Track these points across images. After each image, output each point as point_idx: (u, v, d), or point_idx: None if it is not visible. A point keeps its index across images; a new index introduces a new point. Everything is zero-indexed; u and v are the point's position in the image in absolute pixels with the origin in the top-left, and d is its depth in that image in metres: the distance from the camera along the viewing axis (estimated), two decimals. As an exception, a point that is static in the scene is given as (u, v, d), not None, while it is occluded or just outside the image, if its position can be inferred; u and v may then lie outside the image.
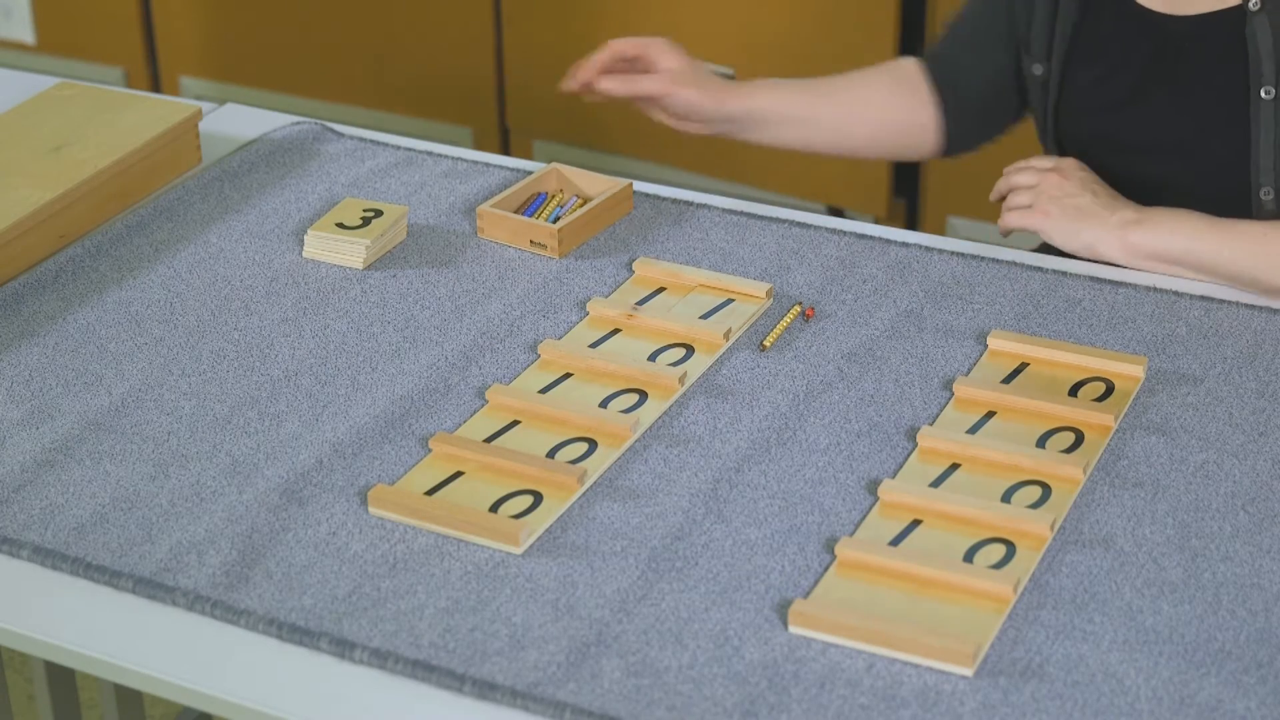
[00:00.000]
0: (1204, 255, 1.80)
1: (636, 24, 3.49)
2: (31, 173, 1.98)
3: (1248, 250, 1.78)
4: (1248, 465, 1.59)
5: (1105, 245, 1.84)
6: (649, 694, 1.36)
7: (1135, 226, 1.83)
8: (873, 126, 2.06)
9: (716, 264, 1.91)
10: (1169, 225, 1.82)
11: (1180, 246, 1.81)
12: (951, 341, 1.77)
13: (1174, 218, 1.83)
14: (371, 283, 1.89)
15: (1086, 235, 1.84)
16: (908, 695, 1.36)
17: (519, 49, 3.63)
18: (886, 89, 2.07)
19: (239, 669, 1.41)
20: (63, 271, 1.90)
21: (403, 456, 1.62)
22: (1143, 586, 1.45)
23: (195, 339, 1.80)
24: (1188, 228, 1.81)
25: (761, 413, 1.67)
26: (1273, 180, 1.83)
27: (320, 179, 2.09)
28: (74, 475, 1.60)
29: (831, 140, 2.06)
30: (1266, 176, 1.84)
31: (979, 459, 1.59)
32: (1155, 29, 1.89)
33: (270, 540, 1.52)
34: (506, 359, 1.76)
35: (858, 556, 1.48)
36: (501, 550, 1.51)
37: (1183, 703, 1.34)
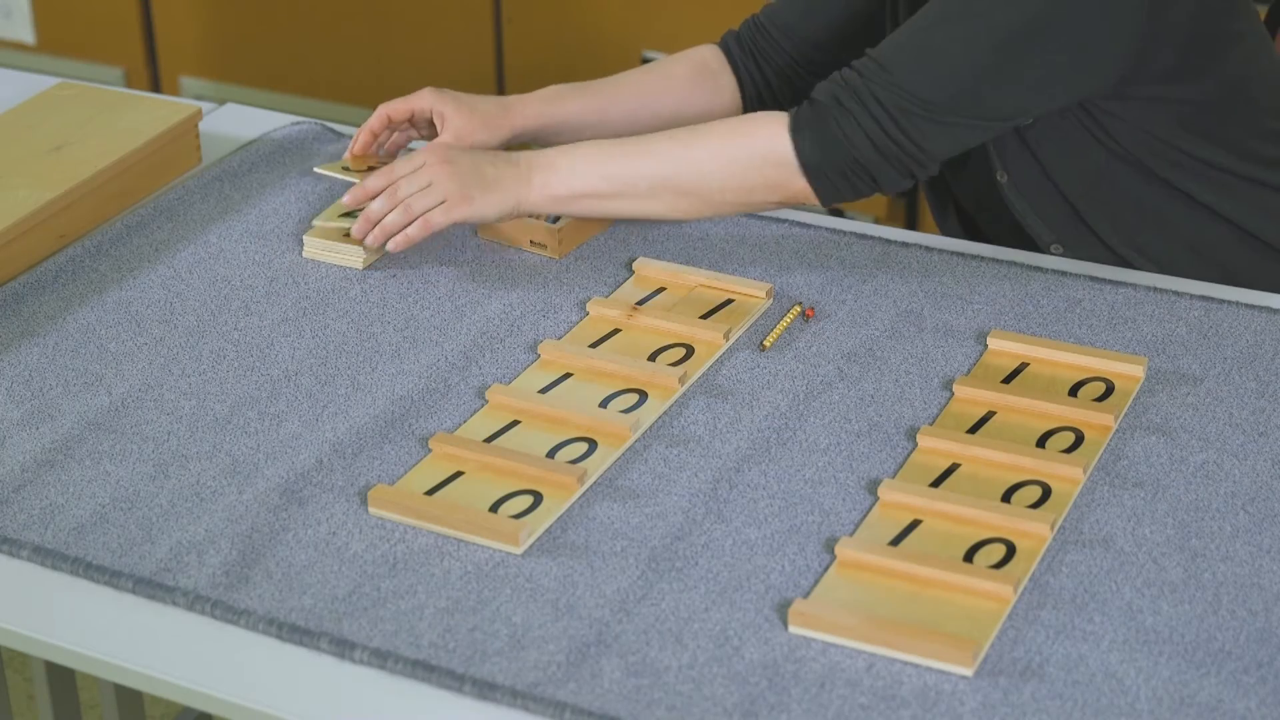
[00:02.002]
0: (620, 175, 1.83)
1: (636, 24, 3.49)
2: (31, 173, 1.98)
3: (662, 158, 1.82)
4: (1248, 465, 1.59)
5: (529, 200, 1.84)
6: (649, 694, 1.36)
7: (543, 172, 1.84)
8: (666, 121, 2.03)
9: (716, 264, 1.91)
10: (578, 154, 1.84)
11: (596, 174, 1.83)
12: (951, 341, 1.77)
13: (575, 151, 1.85)
14: (371, 283, 1.89)
15: (509, 199, 1.84)
16: (908, 695, 1.36)
17: (519, 49, 3.63)
18: (682, 79, 2.05)
19: (239, 669, 1.41)
20: (63, 271, 1.90)
21: (403, 456, 1.62)
22: (1143, 586, 1.45)
23: (195, 339, 1.79)
24: (592, 154, 1.84)
25: (761, 413, 1.67)
26: (1001, 163, 1.90)
27: (320, 179, 2.09)
28: (74, 475, 1.60)
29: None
30: (997, 160, 1.90)
31: (979, 459, 1.59)
32: None
33: (270, 540, 1.52)
34: (506, 359, 1.76)
35: (858, 556, 1.48)
36: (501, 550, 1.51)
37: (1183, 703, 1.34)
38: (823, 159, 1.78)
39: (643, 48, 3.51)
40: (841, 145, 1.78)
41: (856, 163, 1.79)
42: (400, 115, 2.01)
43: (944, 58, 1.77)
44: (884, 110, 1.77)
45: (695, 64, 2.07)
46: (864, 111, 1.77)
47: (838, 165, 1.79)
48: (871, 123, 1.77)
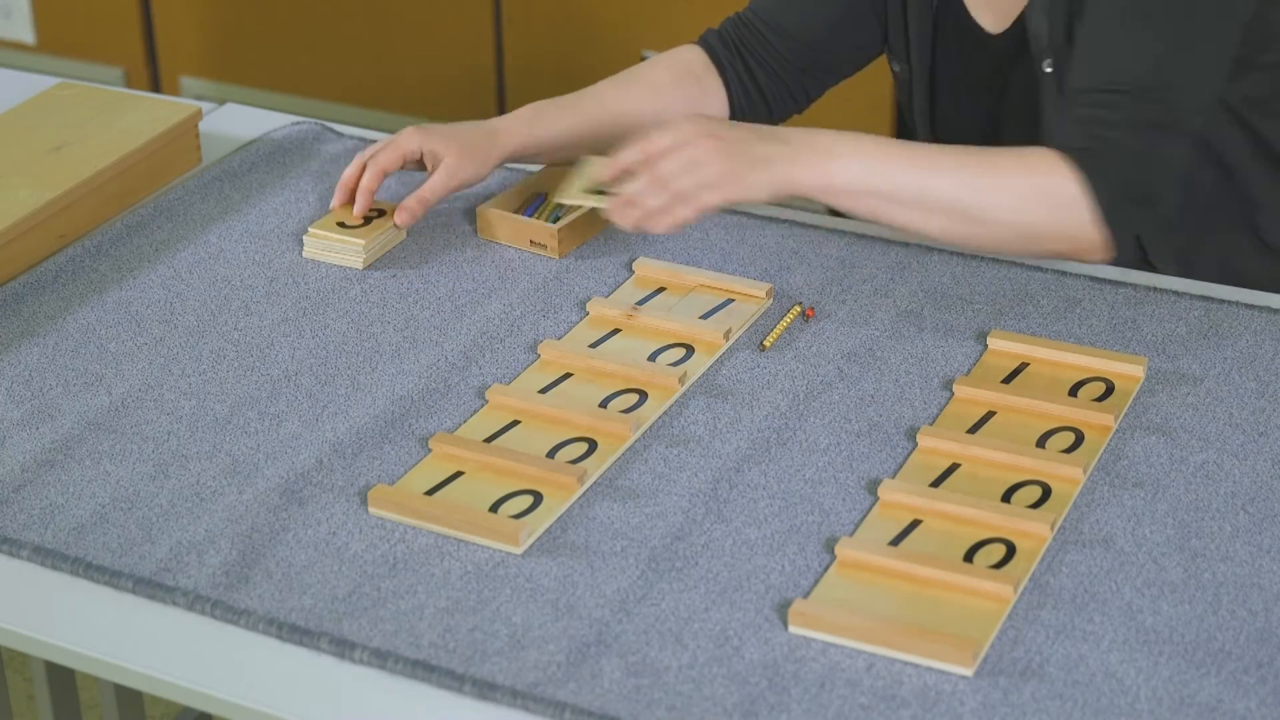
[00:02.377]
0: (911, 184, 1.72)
1: (636, 24, 3.49)
2: (31, 173, 1.98)
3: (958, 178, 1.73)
4: (1248, 465, 1.59)
5: (802, 181, 1.72)
6: (649, 694, 1.36)
7: (820, 156, 1.72)
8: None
9: (716, 264, 1.91)
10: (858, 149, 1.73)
11: (882, 176, 1.72)
12: (951, 341, 1.77)
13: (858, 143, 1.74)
14: (371, 283, 1.89)
15: (780, 178, 1.71)
16: (908, 695, 1.36)
17: (519, 49, 3.63)
18: (666, 86, 2.01)
19: (239, 669, 1.41)
20: (63, 271, 1.90)
21: (403, 456, 1.62)
22: (1143, 586, 1.45)
23: (195, 339, 1.79)
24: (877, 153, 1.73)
25: (761, 413, 1.67)
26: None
27: (320, 179, 2.09)
28: (74, 475, 1.60)
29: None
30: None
31: (979, 459, 1.59)
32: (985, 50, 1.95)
33: (270, 540, 1.52)
34: (506, 359, 1.76)
35: (858, 556, 1.48)
36: (501, 550, 1.51)
37: (1183, 703, 1.34)
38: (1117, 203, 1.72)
39: (643, 47, 3.51)
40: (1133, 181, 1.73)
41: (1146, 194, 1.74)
42: (393, 165, 1.93)
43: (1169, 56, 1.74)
44: (1148, 131, 1.73)
45: (679, 68, 2.04)
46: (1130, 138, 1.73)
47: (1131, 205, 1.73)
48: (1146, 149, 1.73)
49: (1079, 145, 1.73)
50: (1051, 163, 1.72)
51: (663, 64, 2.04)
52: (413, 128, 1.95)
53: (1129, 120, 1.73)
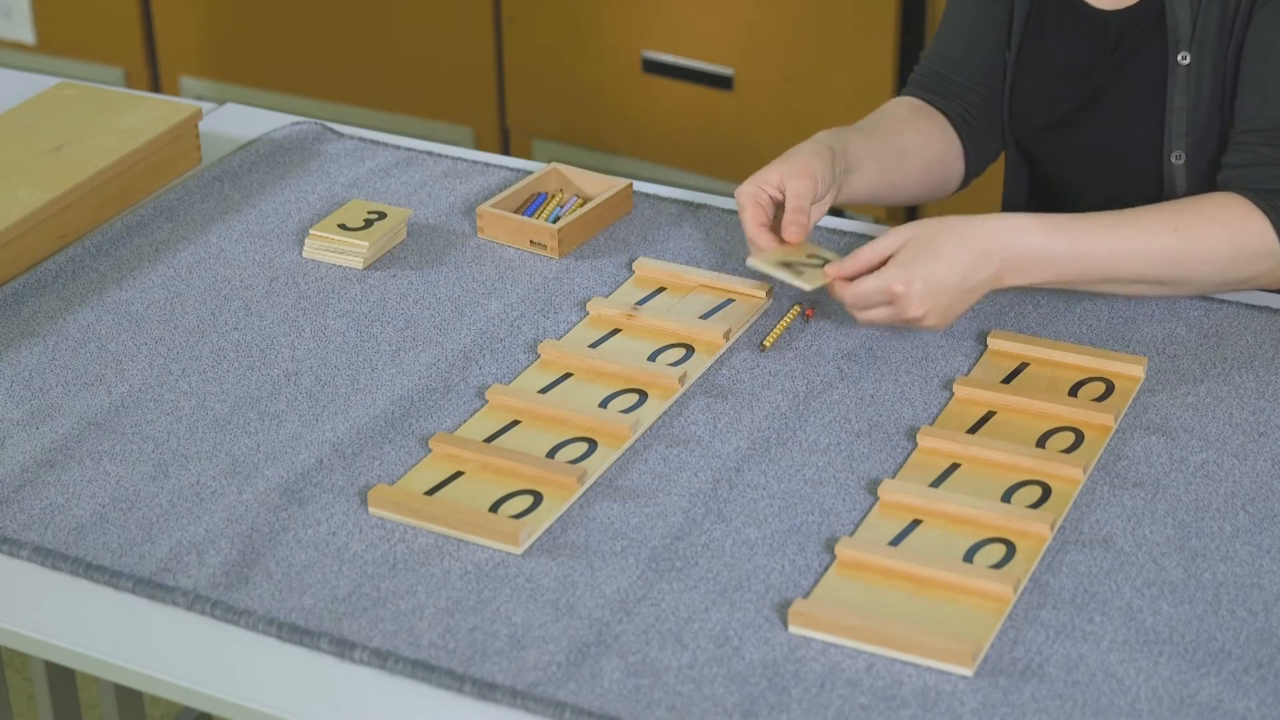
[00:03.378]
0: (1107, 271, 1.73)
1: (636, 24, 3.49)
2: (31, 173, 1.98)
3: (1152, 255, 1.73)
4: (1248, 465, 1.59)
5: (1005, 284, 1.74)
6: (649, 694, 1.36)
7: (1017, 274, 1.72)
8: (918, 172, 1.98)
9: (716, 264, 1.91)
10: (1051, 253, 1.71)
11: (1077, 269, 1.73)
12: (951, 341, 1.77)
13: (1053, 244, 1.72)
14: (371, 283, 1.89)
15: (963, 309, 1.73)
16: (908, 695, 1.36)
17: (519, 49, 3.63)
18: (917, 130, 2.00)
19: (239, 669, 1.41)
20: (63, 271, 1.90)
21: (403, 456, 1.62)
22: (1143, 586, 1.45)
23: (195, 339, 1.80)
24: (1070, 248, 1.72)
25: (761, 413, 1.67)
26: (1184, 145, 1.87)
27: (320, 179, 2.09)
28: (74, 475, 1.60)
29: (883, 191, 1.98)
30: (1178, 141, 1.87)
31: (979, 459, 1.59)
32: (1094, 23, 1.92)
33: (270, 540, 1.52)
34: (506, 359, 1.76)
35: (858, 556, 1.48)
36: (501, 550, 1.51)
37: (1183, 703, 1.34)
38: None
39: (642, 48, 3.51)
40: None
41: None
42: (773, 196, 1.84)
43: None
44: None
45: (909, 105, 2.02)
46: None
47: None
48: None
49: (1269, 186, 1.75)
50: (1244, 214, 1.74)
51: (898, 106, 2.02)
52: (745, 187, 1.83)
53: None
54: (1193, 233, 1.73)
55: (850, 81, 3.34)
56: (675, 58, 3.49)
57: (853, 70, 3.33)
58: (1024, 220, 1.72)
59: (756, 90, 3.43)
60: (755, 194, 1.80)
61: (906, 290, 1.68)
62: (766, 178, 1.81)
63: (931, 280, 1.68)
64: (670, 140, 3.56)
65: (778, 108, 3.42)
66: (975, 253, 1.69)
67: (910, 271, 1.68)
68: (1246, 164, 1.78)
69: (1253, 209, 1.75)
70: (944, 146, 2.01)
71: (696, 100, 3.49)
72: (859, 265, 1.71)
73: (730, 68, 3.44)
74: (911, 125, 1.99)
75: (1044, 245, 1.71)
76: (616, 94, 3.57)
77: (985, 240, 1.70)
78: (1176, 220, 1.73)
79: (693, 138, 3.53)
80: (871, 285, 1.69)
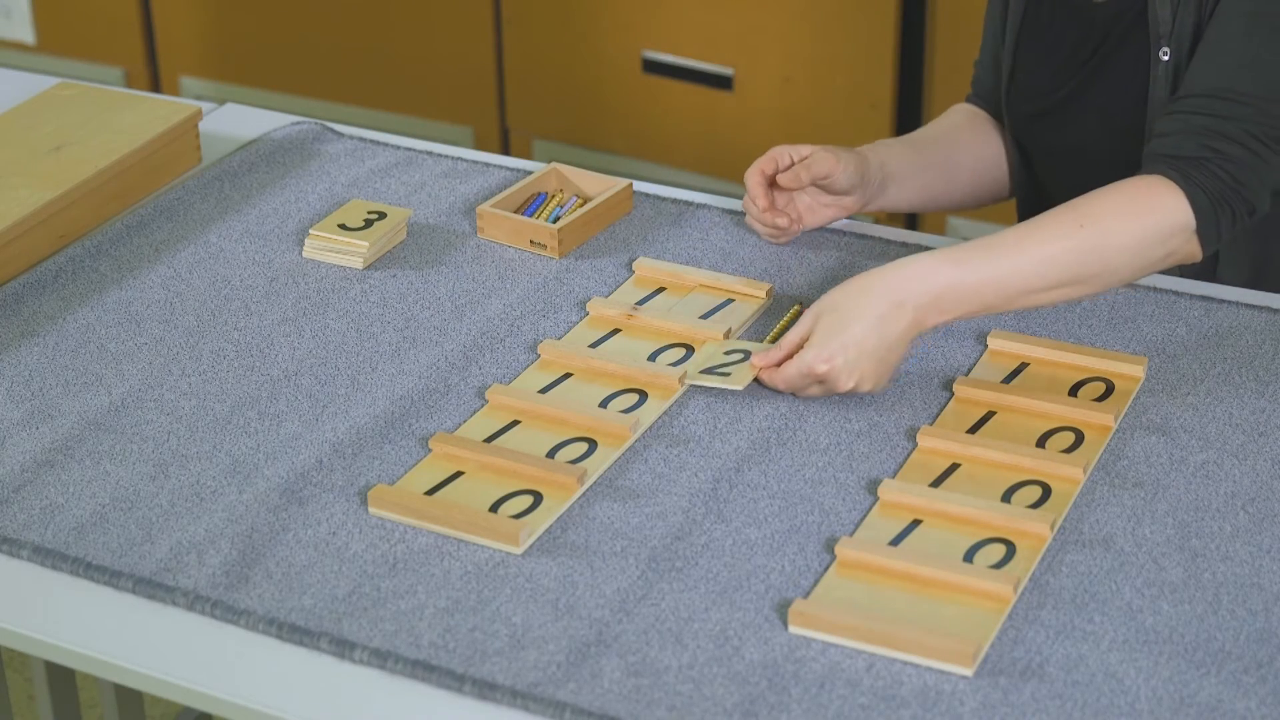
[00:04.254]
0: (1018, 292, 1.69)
1: (637, 24, 3.49)
2: (31, 173, 1.98)
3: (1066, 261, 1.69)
4: (1248, 465, 1.59)
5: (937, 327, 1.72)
6: (649, 694, 1.36)
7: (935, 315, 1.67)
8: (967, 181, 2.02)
9: (716, 264, 1.91)
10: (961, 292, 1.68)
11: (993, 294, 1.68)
12: (951, 341, 1.77)
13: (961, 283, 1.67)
14: (371, 283, 1.89)
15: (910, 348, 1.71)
16: (908, 695, 1.36)
17: (519, 49, 3.63)
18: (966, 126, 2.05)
19: (239, 669, 1.41)
20: (63, 271, 1.90)
21: (403, 456, 1.62)
22: (1143, 586, 1.45)
23: (195, 339, 1.80)
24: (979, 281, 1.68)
25: (761, 413, 1.67)
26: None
27: (320, 179, 2.09)
28: (74, 475, 1.60)
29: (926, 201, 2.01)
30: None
31: (979, 459, 1.59)
32: (1083, 15, 1.93)
33: (270, 540, 1.52)
34: (506, 359, 1.76)
35: (858, 556, 1.48)
36: (501, 550, 1.51)
37: (1183, 703, 1.34)
38: (1219, 213, 1.72)
39: (643, 48, 3.51)
40: (1237, 192, 1.72)
41: (1246, 202, 1.73)
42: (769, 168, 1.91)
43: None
44: (1261, 141, 1.72)
45: (966, 113, 2.07)
46: (1244, 149, 1.72)
47: (1229, 213, 1.73)
48: (1255, 158, 1.72)
49: (1190, 154, 1.73)
50: (1152, 193, 1.71)
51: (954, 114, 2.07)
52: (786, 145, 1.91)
53: (1245, 130, 1.72)
54: (1100, 225, 1.69)
55: (850, 81, 3.34)
56: (675, 58, 3.49)
57: (853, 70, 3.33)
58: (928, 261, 1.68)
59: (756, 90, 3.43)
60: (779, 152, 1.89)
61: (830, 368, 1.65)
62: (799, 147, 1.89)
63: (850, 350, 1.65)
64: (670, 140, 3.56)
65: (778, 108, 3.42)
66: (884, 308, 1.66)
67: (828, 348, 1.65)
68: (1174, 131, 1.75)
69: (1163, 185, 1.71)
70: (995, 153, 2.04)
71: (696, 100, 3.49)
72: (782, 353, 1.70)
73: (730, 68, 3.44)
74: (964, 134, 2.04)
75: (952, 280, 1.67)
76: (616, 94, 3.57)
77: (891, 293, 1.67)
78: (1082, 216, 1.70)
79: (693, 138, 3.53)
80: (795, 370, 1.67)
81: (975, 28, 2.73)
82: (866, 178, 1.92)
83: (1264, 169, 1.73)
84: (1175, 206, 1.70)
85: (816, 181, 1.89)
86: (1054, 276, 1.68)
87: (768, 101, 3.42)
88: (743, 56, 3.42)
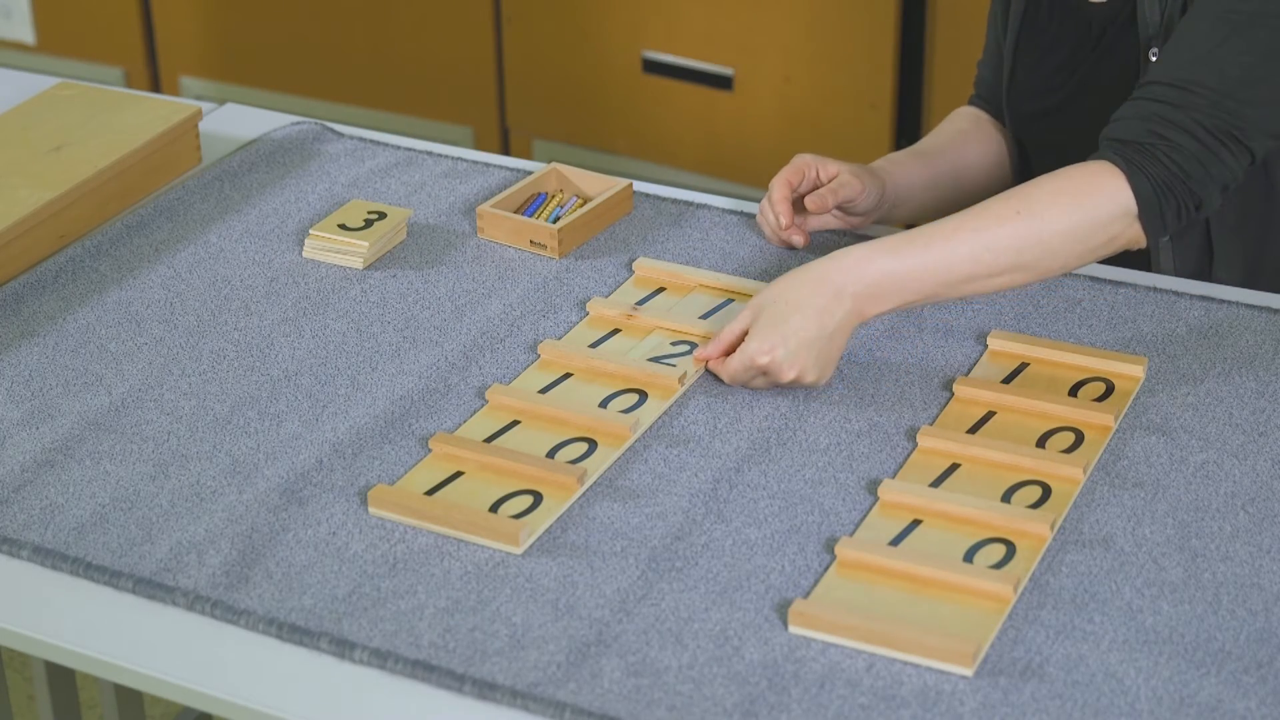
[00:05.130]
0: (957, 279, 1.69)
1: (636, 24, 3.49)
2: (31, 173, 1.98)
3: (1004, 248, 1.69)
4: (1248, 465, 1.59)
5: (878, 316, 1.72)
6: (649, 694, 1.36)
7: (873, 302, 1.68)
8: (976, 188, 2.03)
9: (716, 264, 1.91)
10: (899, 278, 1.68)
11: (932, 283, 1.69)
12: (951, 341, 1.77)
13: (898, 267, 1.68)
14: (371, 283, 1.89)
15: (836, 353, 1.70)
16: (908, 695, 1.36)
17: (519, 49, 3.63)
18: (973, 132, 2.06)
19: (239, 669, 1.41)
20: (63, 271, 1.90)
21: (403, 456, 1.62)
22: (1143, 586, 1.45)
23: (195, 339, 1.80)
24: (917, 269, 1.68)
25: (761, 413, 1.67)
26: None
27: (320, 179, 2.09)
28: (74, 475, 1.60)
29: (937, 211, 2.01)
30: None
31: (979, 459, 1.59)
32: (1079, 16, 1.94)
33: (270, 540, 1.52)
34: (506, 359, 1.76)
35: (858, 556, 1.48)
36: (501, 550, 1.51)
37: (1183, 703, 1.34)
38: (1163, 201, 1.71)
39: (642, 48, 3.51)
40: (1183, 182, 1.71)
41: (1192, 194, 1.72)
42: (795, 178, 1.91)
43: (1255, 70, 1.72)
44: (1211, 135, 1.71)
45: (972, 117, 2.08)
46: (1193, 140, 1.70)
47: (1174, 203, 1.71)
48: (1204, 150, 1.71)
49: (1137, 139, 1.71)
50: (1093, 179, 1.70)
51: (958, 119, 2.08)
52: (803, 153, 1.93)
53: (1196, 121, 1.71)
54: (1037, 211, 1.68)
55: (850, 81, 3.34)
56: (675, 58, 3.49)
57: (853, 70, 3.33)
58: (865, 249, 1.68)
59: (756, 90, 3.43)
60: (805, 164, 1.90)
61: (771, 359, 1.66)
62: (827, 162, 1.89)
63: (791, 341, 1.66)
64: (670, 140, 3.56)
65: (778, 108, 3.42)
66: (825, 298, 1.67)
67: (769, 340, 1.66)
68: (1126, 117, 1.74)
69: (1105, 170, 1.70)
70: (1000, 158, 2.06)
71: (696, 100, 3.49)
72: (722, 346, 1.71)
73: (730, 68, 3.44)
74: (970, 142, 2.04)
75: (889, 268, 1.67)
76: (616, 94, 3.57)
77: (829, 281, 1.67)
78: (1020, 203, 1.69)
79: (693, 138, 3.53)
80: (738, 364, 1.68)
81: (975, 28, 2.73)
82: (883, 199, 1.94)
83: (1212, 162, 1.71)
84: (1116, 191, 1.69)
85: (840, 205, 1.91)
86: (992, 263, 1.68)
87: (768, 101, 3.42)
88: (743, 56, 3.42)
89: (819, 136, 3.38)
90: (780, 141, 3.41)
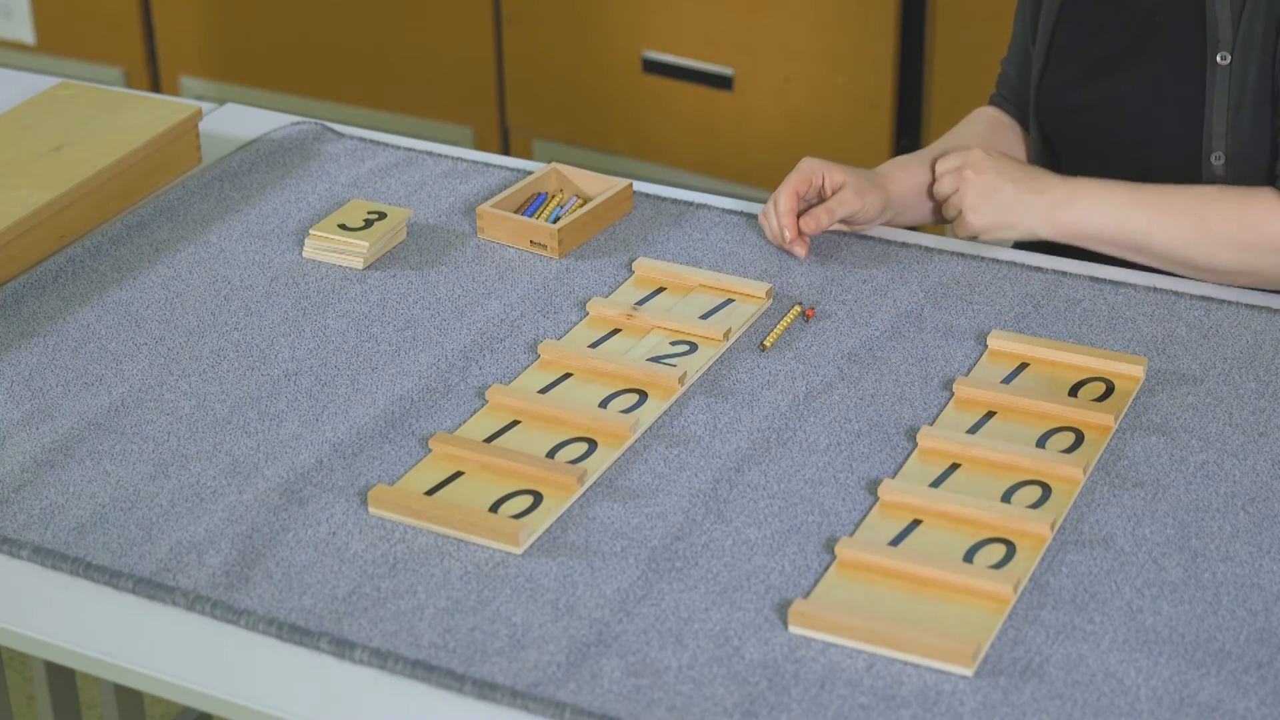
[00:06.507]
0: (1135, 235, 1.83)
1: (636, 24, 3.49)
2: (31, 173, 1.98)
3: (1181, 230, 1.81)
4: (1248, 465, 1.59)
5: (1041, 231, 1.86)
6: (649, 694, 1.36)
7: (1064, 209, 1.84)
8: None
9: (716, 264, 1.91)
10: (1097, 203, 1.83)
11: (1111, 226, 1.83)
12: (951, 341, 1.77)
13: (1101, 194, 1.84)
14: (371, 283, 1.89)
15: (1021, 227, 1.86)
16: (908, 695, 1.36)
17: (519, 49, 3.63)
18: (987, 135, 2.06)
19: (239, 669, 1.41)
20: (63, 271, 1.90)
21: (403, 456, 1.62)
22: (1143, 586, 1.45)
23: (195, 339, 1.80)
24: (1114, 207, 1.83)
25: (761, 413, 1.67)
26: (1224, 145, 1.86)
27: (320, 179, 2.09)
28: (74, 475, 1.60)
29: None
30: (1218, 142, 1.87)
31: (979, 459, 1.59)
32: (1126, 8, 1.92)
33: (270, 540, 1.52)
34: (506, 359, 1.76)
35: (858, 556, 1.48)
36: (501, 550, 1.51)
37: (1183, 703, 1.34)
38: None
39: (642, 48, 3.51)
40: None
41: None
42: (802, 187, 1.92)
43: None
44: None
45: (991, 118, 2.09)
46: None
47: None
48: None
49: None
50: (1273, 210, 1.79)
51: (976, 121, 2.09)
52: (810, 158, 1.93)
53: None
54: (1212, 213, 1.78)
55: (850, 81, 3.34)
56: (675, 58, 3.49)
57: (853, 70, 3.33)
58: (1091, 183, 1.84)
59: (756, 90, 3.43)
60: (812, 171, 1.90)
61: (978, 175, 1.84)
62: (832, 170, 1.90)
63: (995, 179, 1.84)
64: (670, 140, 3.56)
65: (778, 108, 3.42)
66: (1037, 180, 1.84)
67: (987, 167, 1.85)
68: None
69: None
70: (1020, 158, 2.04)
71: (696, 100, 3.49)
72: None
73: (730, 68, 3.44)
74: (985, 142, 2.04)
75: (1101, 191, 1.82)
76: (616, 94, 3.57)
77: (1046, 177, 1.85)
78: (1205, 204, 1.79)
79: (693, 138, 3.53)
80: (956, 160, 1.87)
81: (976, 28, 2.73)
82: (886, 209, 1.94)
83: None
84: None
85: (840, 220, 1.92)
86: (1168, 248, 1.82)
87: (768, 101, 3.42)
88: (743, 56, 3.42)
89: (819, 136, 3.38)
90: (780, 141, 3.41)
